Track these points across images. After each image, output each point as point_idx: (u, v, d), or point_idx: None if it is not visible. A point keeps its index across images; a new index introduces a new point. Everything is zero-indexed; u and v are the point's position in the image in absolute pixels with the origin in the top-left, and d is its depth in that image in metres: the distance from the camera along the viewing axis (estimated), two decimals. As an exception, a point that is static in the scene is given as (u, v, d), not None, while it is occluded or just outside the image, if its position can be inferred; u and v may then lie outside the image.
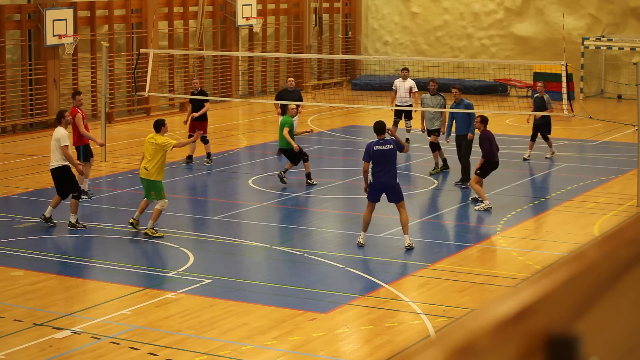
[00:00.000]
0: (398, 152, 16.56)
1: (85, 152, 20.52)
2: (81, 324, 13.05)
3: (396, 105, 25.84)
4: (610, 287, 1.74)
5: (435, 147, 22.67)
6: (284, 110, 23.44)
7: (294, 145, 21.40)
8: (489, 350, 1.48)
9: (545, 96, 23.60)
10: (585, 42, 36.68)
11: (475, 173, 19.24)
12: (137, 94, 27.94)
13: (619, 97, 36.79)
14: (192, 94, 24.54)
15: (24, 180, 22.35)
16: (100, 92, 27.06)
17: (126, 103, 33.03)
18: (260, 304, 13.87)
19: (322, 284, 14.88)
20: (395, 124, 25.91)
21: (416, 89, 25.84)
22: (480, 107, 31.56)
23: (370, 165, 16.54)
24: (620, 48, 36.57)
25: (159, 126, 18.30)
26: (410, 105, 25.86)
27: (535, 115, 23.73)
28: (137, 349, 12.11)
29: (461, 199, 20.42)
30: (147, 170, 17.71)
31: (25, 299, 14.10)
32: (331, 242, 17.42)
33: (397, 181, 16.58)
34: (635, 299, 1.82)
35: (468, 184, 20.56)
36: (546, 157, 24.31)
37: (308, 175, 21.64)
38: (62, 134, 18.19)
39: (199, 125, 23.61)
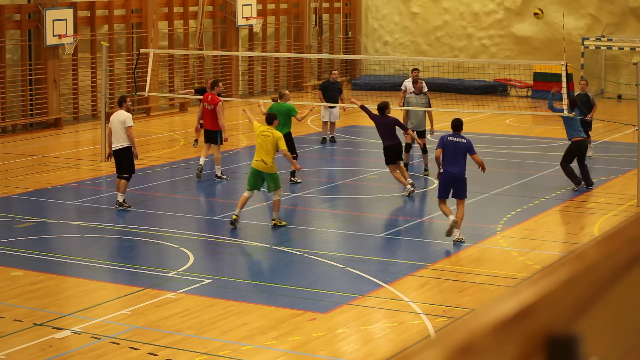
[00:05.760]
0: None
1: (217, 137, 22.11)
2: (81, 324, 13.05)
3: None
4: (610, 287, 1.74)
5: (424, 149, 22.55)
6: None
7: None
8: (489, 350, 1.48)
9: (590, 93, 23.27)
10: (585, 42, 36.68)
11: None
12: (137, 94, 27.93)
13: (619, 97, 36.79)
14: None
15: (24, 180, 22.35)
16: (100, 92, 27.06)
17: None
18: (260, 304, 13.87)
19: (322, 284, 14.87)
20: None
21: (426, 89, 25.08)
22: (481, 107, 31.59)
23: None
24: (620, 48, 36.58)
25: (272, 119, 18.24)
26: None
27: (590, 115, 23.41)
28: (137, 349, 12.11)
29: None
30: (265, 163, 17.80)
31: (25, 299, 14.10)
32: (331, 242, 17.42)
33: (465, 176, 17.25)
34: (635, 299, 1.83)
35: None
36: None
37: (292, 173, 21.75)
38: (126, 115, 19.65)
39: None
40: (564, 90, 21.19)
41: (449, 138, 17.19)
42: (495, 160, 25.01)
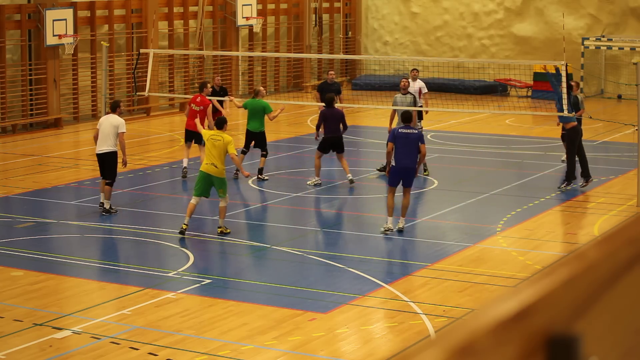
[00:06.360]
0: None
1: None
2: (81, 324, 13.05)
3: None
4: (610, 287, 1.74)
5: None
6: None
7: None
8: (489, 350, 1.48)
9: (580, 95, 22.74)
10: (585, 42, 36.68)
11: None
12: (137, 94, 27.93)
13: (619, 97, 36.79)
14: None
15: (24, 180, 22.35)
16: (100, 92, 27.06)
17: (126, 103, 33.02)
18: (260, 304, 13.88)
19: (322, 284, 14.87)
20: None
21: (426, 90, 25.28)
22: (480, 107, 31.59)
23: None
24: (620, 48, 36.58)
25: (222, 124, 17.85)
26: (421, 106, 25.62)
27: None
28: (137, 349, 12.11)
29: (461, 198, 20.43)
30: (215, 167, 17.37)
31: (25, 299, 14.10)
32: (331, 242, 17.42)
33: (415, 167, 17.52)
34: (635, 299, 1.83)
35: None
36: (562, 160, 23.75)
37: (260, 171, 21.96)
38: (120, 121, 18.89)
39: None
40: (564, 91, 21.16)
41: (399, 130, 17.46)
42: (495, 160, 25.01)
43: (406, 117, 17.72)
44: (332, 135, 21.24)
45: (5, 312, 13.55)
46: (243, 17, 36.20)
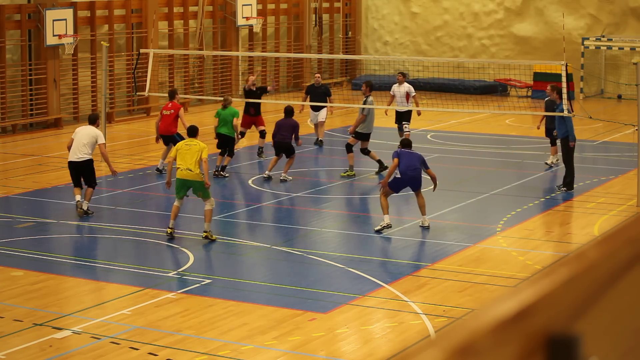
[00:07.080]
0: None
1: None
2: (81, 324, 13.05)
3: (395, 107, 25.87)
4: (610, 287, 1.74)
5: (350, 148, 22.88)
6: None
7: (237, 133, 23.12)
8: (489, 350, 1.48)
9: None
10: (585, 42, 36.68)
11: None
12: (137, 94, 27.92)
13: (619, 97, 36.79)
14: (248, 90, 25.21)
15: (24, 180, 22.35)
16: (100, 92, 27.04)
17: (126, 103, 33.03)
18: (260, 304, 13.88)
19: (322, 284, 14.88)
20: (400, 128, 25.68)
21: (414, 92, 25.65)
22: (481, 107, 31.58)
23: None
24: (620, 48, 36.58)
25: (195, 132, 17.87)
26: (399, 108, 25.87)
27: (544, 118, 23.33)
28: (137, 349, 12.11)
29: (461, 198, 20.43)
30: (191, 171, 17.24)
31: (25, 299, 14.10)
32: (331, 242, 17.42)
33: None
34: (635, 299, 1.83)
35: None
36: (546, 163, 23.85)
37: (223, 168, 22.62)
38: (99, 132, 19.05)
39: (257, 119, 25.04)
40: (564, 91, 21.16)
41: (402, 149, 17.94)
42: (495, 160, 25.01)
43: (406, 144, 18.22)
44: (281, 140, 22.03)
45: (5, 312, 13.55)
46: (243, 17, 36.20)
